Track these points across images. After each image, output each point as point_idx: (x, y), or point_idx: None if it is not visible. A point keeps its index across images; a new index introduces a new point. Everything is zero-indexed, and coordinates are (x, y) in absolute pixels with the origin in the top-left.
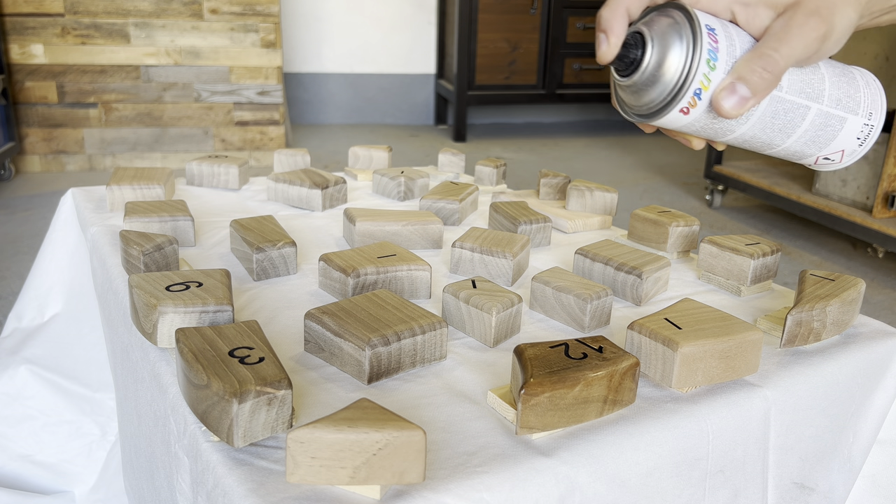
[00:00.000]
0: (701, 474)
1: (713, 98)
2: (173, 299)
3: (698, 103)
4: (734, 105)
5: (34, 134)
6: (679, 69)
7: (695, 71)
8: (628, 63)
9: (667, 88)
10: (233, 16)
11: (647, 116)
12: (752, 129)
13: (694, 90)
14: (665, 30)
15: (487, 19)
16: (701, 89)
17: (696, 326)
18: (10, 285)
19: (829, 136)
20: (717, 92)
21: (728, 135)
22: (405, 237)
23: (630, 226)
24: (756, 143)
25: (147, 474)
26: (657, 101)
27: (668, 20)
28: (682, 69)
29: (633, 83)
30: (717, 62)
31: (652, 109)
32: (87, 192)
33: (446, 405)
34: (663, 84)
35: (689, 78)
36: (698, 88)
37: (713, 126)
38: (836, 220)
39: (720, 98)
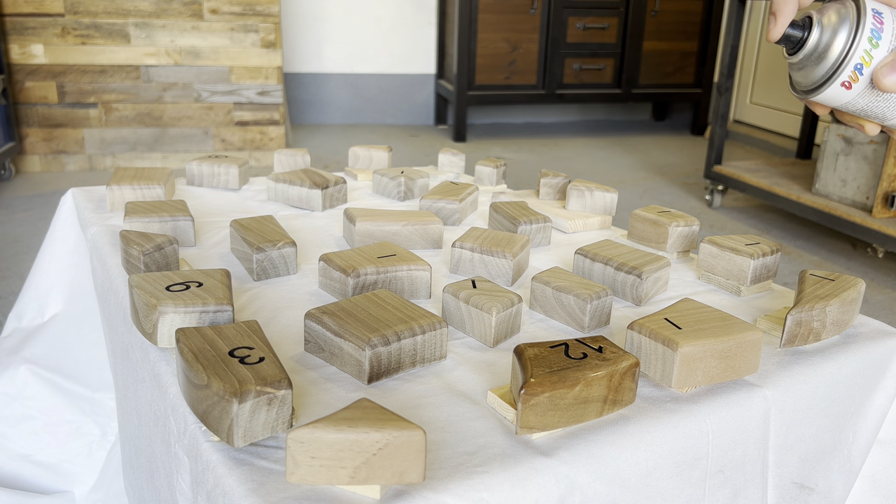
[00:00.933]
0: (701, 474)
1: (874, 73)
2: (173, 299)
3: (860, 78)
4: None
5: (34, 134)
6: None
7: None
8: (794, 42)
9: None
10: (233, 16)
11: (812, 91)
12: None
13: (855, 64)
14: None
15: (487, 19)
16: (862, 64)
17: (696, 326)
18: (10, 285)
19: None
20: (879, 67)
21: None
22: (405, 237)
23: (630, 226)
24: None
25: (147, 474)
26: (821, 76)
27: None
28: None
29: (800, 61)
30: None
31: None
32: (87, 192)
33: (446, 405)
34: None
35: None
36: (859, 63)
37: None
38: (836, 220)
39: (881, 73)
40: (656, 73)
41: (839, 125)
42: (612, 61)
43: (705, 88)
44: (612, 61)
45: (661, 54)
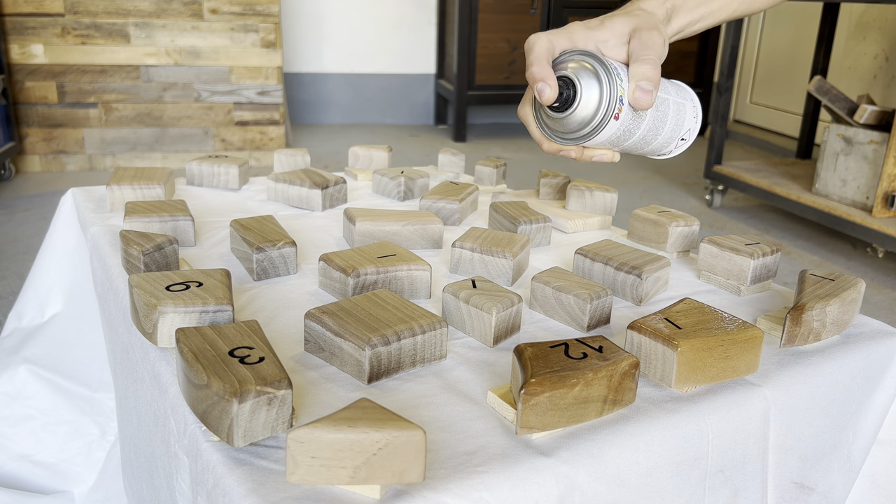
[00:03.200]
0: (701, 474)
1: (631, 100)
2: (173, 299)
3: (623, 108)
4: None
5: (34, 134)
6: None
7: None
8: (565, 100)
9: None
10: (233, 16)
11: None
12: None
13: (619, 97)
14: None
15: (487, 19)
16: (622, 97)
17: (696, 326)
18: (10, 285)
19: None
20: (631, 93)
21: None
22: (405, 237)
23: (630, 226)
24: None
25: (147, 474)
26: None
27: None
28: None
29: (571, 114)
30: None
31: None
32: (87, 192)
33: (446, 405)
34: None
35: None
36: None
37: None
38: (836, 220)
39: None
40: None
41: (839, 125)
42: None
43: (705, 88)
44: None
45: None
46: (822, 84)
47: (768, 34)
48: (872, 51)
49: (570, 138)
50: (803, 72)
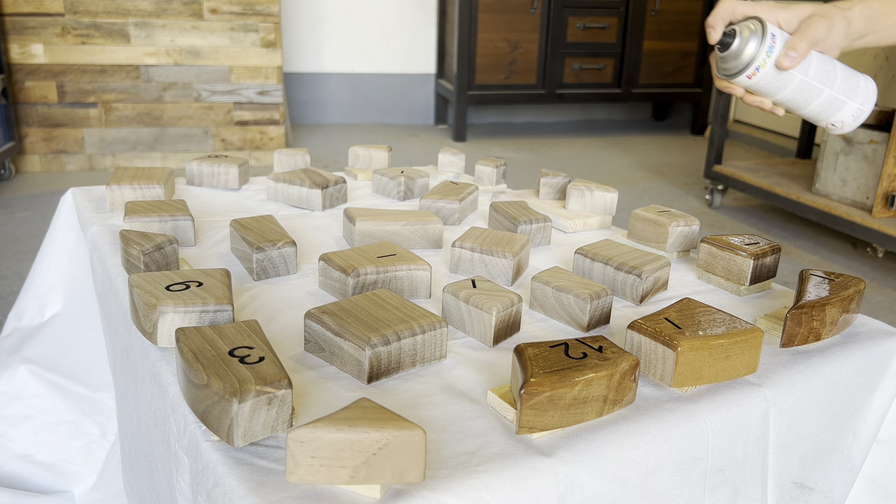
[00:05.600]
0: (701, 474)
1: (777, 60)
2: (173, 299)
3: (757, 74)
4: (789, 60)
5: (34, 134)
6: (751, 54)
7: (760, 56)
8: (725, 45)
9: (742, 63)
10: (233, 16)
11: (731, 75)
12: (790, 94)
13: (756, 66)
14: (745, 26)
15: (487, 19)
16: (760, 67)
17: (696, 326)
18: (10, 285)
19: (834, 109)
20: (779, 56)
21: (778, 94)
22: (405, 237)
23: (630, 226)
24: (793, 104)
25: (147, 474)
26: (737, 69)
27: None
28: (752, 54)
29: (726, 56)
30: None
31: (734, 71)
32: (87, 191)
33: (446, 405)
34: (741, 60)
35: (756, 59)
36: (758, 66)
37: (771, 85)
38: (836, 220)
39: (781, 58)
40: (656, 72)
41: None
42: (611, 61)
43: (705, 88)
44: (611, 61)
45: (661, 54)
46: None
47: None
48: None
49: (726, 74)
50: None
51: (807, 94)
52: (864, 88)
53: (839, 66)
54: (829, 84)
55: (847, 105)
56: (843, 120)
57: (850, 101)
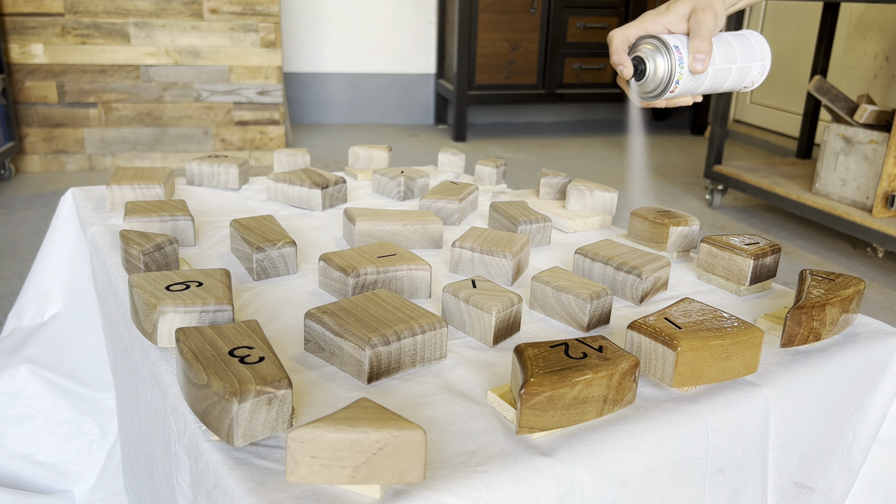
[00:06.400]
0: (701, 474)
1: (689, 66)
2: (173, 299)
3: (678, 87)
4: (700, 63)
5: (34, 134)
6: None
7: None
8: (640, 73)
9: (662, 83)
10: (233, 15)
11: (655, 96)
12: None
13: (675, 80)
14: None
15: (487, 19)
16: (678, 80)
17: (696, 326)
18: (10, 285)
19: (743, 77)
20: (690, 64)
21: (697, 89)
22: (405, 237)
23: (630, 226)
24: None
25: (147, 474)
26: (658, 89)
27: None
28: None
29: (645, 81)
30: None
31: (657, 92)
32: (87, 191)
33: (446, 404)
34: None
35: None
36: (677, 80)
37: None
38: (835, 220)
39: (693, 65)
40: None
41: (839, 125)
42: None
43: None
44: None
45: None
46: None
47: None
48: (872, 50)
49: (651, 97)
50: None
51: (721, 78)
52: (759, 46)
53: (733, 39)
54: (733, 60)
55: (752, 67)
56: (753, 80)
57: (754, 63)
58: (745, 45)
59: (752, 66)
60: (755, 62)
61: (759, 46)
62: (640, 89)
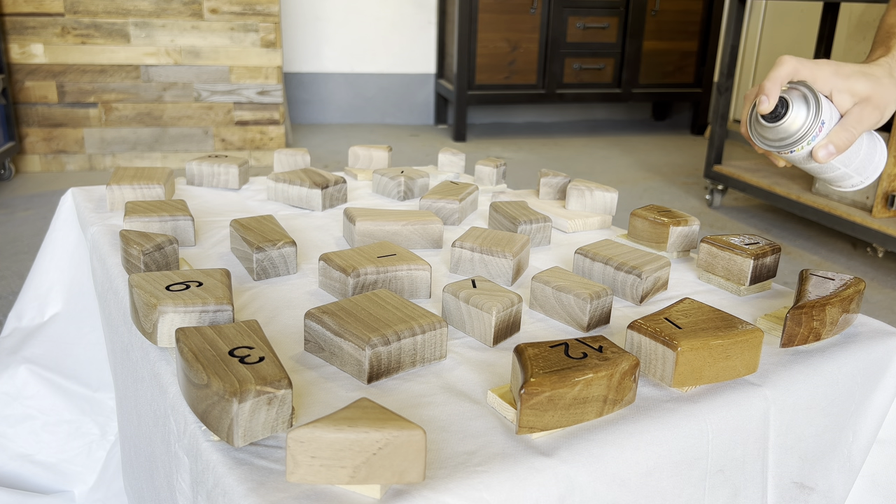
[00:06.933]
0: (701, 474)
1: (813, 151)
2: (173, 299)
3: (791, 155)
4: (825, 156)
5: (34, 134)
6: (796, 135)
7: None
8: (775, 116)
9: (785, 141)
10: (233, 15)
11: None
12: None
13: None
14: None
15: (487, 19)
16: (796, 151)
17: (696, 326)
18: (10, 285)
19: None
20: (817, 147)
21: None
22: (405, 237)
23: (630, 226)
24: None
25: (147, 474)
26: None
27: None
28: (797, 136)
29: (774, 128)
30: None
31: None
32: (87, 191)
33: (446, 404)
34: (785, 138)
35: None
36: (795, 150)
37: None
38: (836, 220)
39: (818, 151)
40: (656, 72)
41: None
42: (611, 61)
43: (705, 88)
44: (611, 61)
45: (661, 54)
46: None
47: (768, 34)
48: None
49: (767, 145)
50: None
51: (825, 170)
52: (877, 163)
53: (865, 145)
54: (846, 164)
55: (854, 178)
56: (843, 186)
57: (857, 176)
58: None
59: (855, 178)
60: (861, 175)
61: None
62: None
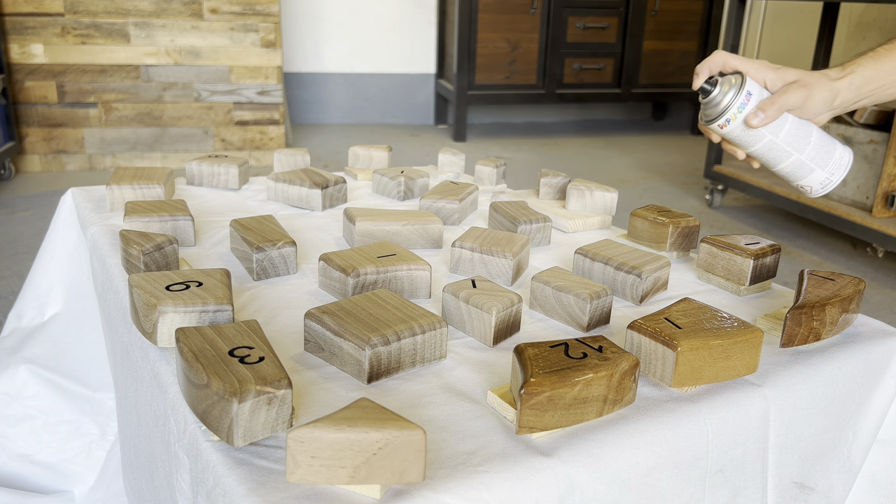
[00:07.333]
0: (701, 474)
1: (746, 117)
2: (173, 299)
3: (727, 126)
4: (757, 121)
5: (34, 134)
6: (725, 105)
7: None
8: (705, 92)
9: (716, 112)
10: (233, 15)
11: (706, 122)
12: (759, 151)
13: (727, 118)
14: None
15: (487, 19)
16: (730, 119)
17: (696, 326)
18: (10, 285)
19: (802, 174)
20: (749, 115)
21: (749, 148)
22: (405, 237)
23: (630, 226)
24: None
25: (147, 474)
26: (711, 116)
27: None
28: (726, 106)
29: (706, 103)
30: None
31: (709, 119)
32: (86, 191)
33: (446, 404)
34: (716, 109)
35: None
36: (729, 118)
37: (742, 138)
38: (835, 220)
39: (750, 117)
40: (656, 72)
41: (839, 124)
42: (611, 61)
43: None
44: (611, 61)
45: (661, 54)
46: None
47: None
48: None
49: (706, 121)
50: None
51: (775, 154)
52: (838, 159)
53: (815, 134)
54: (798, 149)
55: (816, 172)
56: (811, 185)
57: (819, 170)
58: (824, 147)
59: (817, 171)
60: (822, 169)
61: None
62: (702, 109)
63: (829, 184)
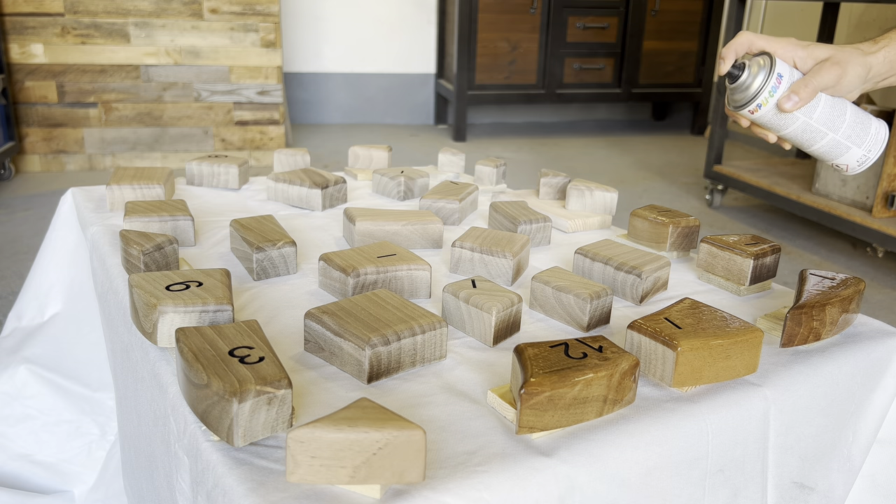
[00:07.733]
0: (701, 474)
1: (779, 103)
2: (173, 299)
3: (759, 111)
4: (791, 105)
5: (34, 133)
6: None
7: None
8: (733, 77)
9: (746, 97)
10: (233, 15)
11: (736, 108)
12: (793, 133)
13: (758, 103)
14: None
15: (487, 19)
16: (762, 104)
17: (696, 326)
18: (10, 285)
19: (838, 153)
20: (782, 99)
21: (781, 131)
22: (405, 237)
23: (630, 226)
24: (796, 142)
25: (147, 474)
26: (741, 102)
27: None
28: (756, 91)
29: (733, 88)
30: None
31: (738, 104)
32: (86, 191)
33: (446, 404)
34: (746, 94)
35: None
36: (760, 104)
37: (774, 122)
38: (835, 220)
39: (783, 101)
40: (656, 72)
41: None
42: (611, 61)
43: (705, 88)
44: (611, 61)
45: (661, 54)
46: None
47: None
48: None
49: (734, 107)
50: None
51: (810, 135)
52: (874, 135)
53: (850, 111)
54: (833, 129)
55: (852, 150)
56: (847, 164)
57: (856, 147)
58: (859, 124)
59: (853, 149)
60: (859, 147)
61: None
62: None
63: (866, 161)
